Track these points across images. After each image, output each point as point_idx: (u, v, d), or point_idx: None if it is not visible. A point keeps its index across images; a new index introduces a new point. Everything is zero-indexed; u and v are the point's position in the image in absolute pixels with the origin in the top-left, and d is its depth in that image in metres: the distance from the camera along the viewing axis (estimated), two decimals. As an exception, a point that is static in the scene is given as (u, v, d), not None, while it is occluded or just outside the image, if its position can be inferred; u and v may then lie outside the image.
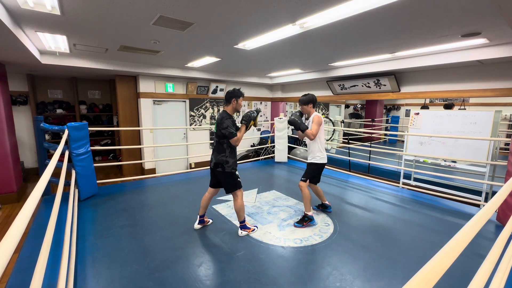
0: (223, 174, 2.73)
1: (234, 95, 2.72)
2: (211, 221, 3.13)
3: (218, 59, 4.86)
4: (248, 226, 2.87)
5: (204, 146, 7.42)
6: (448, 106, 6.75)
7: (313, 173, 3.15)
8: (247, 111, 2.83)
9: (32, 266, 1.19)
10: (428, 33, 3.14)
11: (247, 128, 2.79)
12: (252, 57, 4.63)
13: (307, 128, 2.98)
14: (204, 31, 3.18)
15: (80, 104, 6.67)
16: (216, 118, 2.80)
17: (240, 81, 7.40)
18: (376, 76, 5.38)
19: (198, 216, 2.97)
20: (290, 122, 3.01)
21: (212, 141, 6.74)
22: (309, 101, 3.05)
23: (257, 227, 2.96)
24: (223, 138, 2.69)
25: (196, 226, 2.96)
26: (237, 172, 2.79)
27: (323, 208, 3.47)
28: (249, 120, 2.76)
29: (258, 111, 2.90)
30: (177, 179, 4.93)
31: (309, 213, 3.02)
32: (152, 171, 6.39)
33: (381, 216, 3.37)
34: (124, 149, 6.33)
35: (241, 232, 2.81)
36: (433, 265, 0.68)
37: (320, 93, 7.08)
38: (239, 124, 2.79)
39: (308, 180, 3.10)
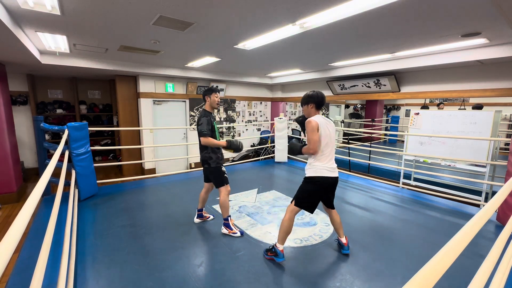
0: (210, 170, 2.81)
1: (205, 93, 2.80)
2: (212, 217, 3.18)
3: (218, 59, 4.86)
4: (231, 226, 2.82)
5: (204, 146, 7.40)
6: (478, 107, 6.10)
7: (301, 192, 2.32)
8: (237, 141, 2.75)
9: (32, 266, 1.19)
10: (428, 33, 3.14)
11: (225, 147, 2.73)
12: (252, 57, 4.63)
13: (302, 146, 2.34)
14: (204, 31, 3.18)
15: (80, 104, 6.67)
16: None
17: (240, 81, 7.39)
18: (376, 76, 5.38)
19: (197, 210, 3.06)
20: (289, 149, 2.49)
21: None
22: (307, 99, 2.32)
23: (242, 234, 2.81)
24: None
25: (196, 220, 3.06)
26: (223, 168, 2.81)
27: (338, 244, 2.60)
28: (233, 147, 2.72)
29: (240, 147, 2.80)
30: (177, 179, 4.93)
31: (278, 247, 2.30)
32: (152, 171, 6.39)
33: (381, 216, 3.36)
34: (124, 149, 6.33)
35: (223, 229, 2.84)
36: (433, 265, 0.68)
37: (320, 93, 7.06)
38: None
39: (294, 202, 2.31)
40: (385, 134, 10.63)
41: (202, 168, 2.92)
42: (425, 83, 4.94)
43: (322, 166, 2.24)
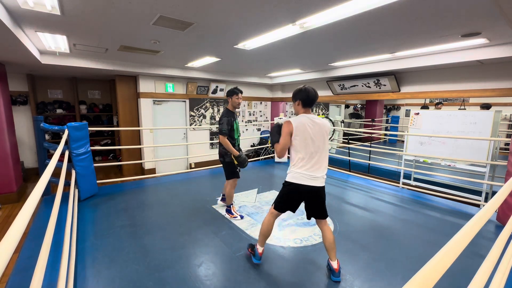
0: (224, 164, 3.18)
1: (228, 94, 3.13)
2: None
3: (218, 59, 4.86)
4: (232, 212, 3.22)
5: (204, 146, 7.42)
6: (486, 107, 5.98)
7: (279, 195, 2.20)
8: (246, 159, 3.07)
9: (32, 266, 1.19)
10: (428, 33, 3.14)
11: (234, 157, 3.04)
12: (252, 57, 4.63)
13: (277, 142, 2.12)
14: (204, 31, 3.18)
15: (80, 104, 6.67)
16: None
17: (240, 81, 7.40)
18: (376, 76, 5.38)
19: (222, 194, 3.54)
20: (270, 133, 2.31)
21: (212, 141, 6.87)
22: (295, 95, 2.10)
23: (242, 217, 3.20)
24: None
25: (219, 202, 3.55)
26: (236, 163, 3.12)
27: (328, 268, 2.21)
28: (239, 160, 3.03)
29: (245, 164, 3.10)
30: (177, 179, 4.93)
31: (258, 248, 2.26)
32: (152, 171, 6.39)
33: (381, 216, 3.36)
34: (124, 149, 6.33)
35: (225, 214, 3.27)
36: (433, 265, 0.68)
37: (320, 93, 7.08)
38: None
39: (273, 205, 2.21)
40: (385, 134, 10.63)
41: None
42: (425, 83, 4.94)
43: (300, 172, 2.03)
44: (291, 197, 2.13)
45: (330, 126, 2.15)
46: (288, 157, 6.59)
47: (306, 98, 2.04)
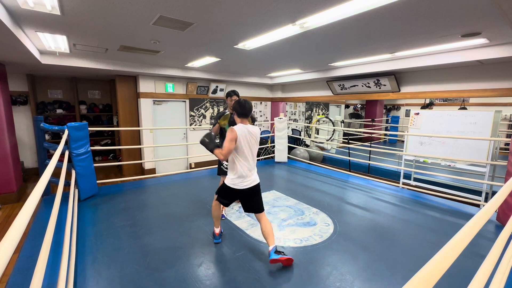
0: None
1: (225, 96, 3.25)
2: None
3: (218, 59, 4.86)
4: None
5: (204, 146, 7.41)
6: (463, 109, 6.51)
7: (220, 188, 2.48)
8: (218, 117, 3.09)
9: (32, 266, 1.19)
10: (428, 33, 3.14)
11: (221, 127, 3.11)
12: (252, 57, 4.63)
13: (217, 147, 2.37)
14: (204, 31, 3.18)
15: (80, 104, 6.67)
16: None
17: (240, 81, 7.39)
18: (376, 76, 5.38)
19: None
20: (202, 141, 2.48)
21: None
22: (234, 107, 2.36)
23: (224, 217, 3.22)
24: None
25: None
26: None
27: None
28: (217, 119, 3.06)
29: (222, 114, 3.06)
30: (177, 179, 4.93)
31: (215, 230, 2.67)
32: (152, 171, 6.39)
33: (381, 216, 3.36)
34: (124, 149, 6.33)
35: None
36: (433, 265, 0.68)
37: (320, 93, 7.09)
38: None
39: (216, 196, 2.51)
40: (385, 134, 10.62)
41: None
42: (425, 83, 4.94)
43: (233, 177, 2.34)
44: (227, 195, 2.42)
45: (259, 133, 2.43)
46: (288, 157, 6.63)
47: (240, 110, 2.31)
